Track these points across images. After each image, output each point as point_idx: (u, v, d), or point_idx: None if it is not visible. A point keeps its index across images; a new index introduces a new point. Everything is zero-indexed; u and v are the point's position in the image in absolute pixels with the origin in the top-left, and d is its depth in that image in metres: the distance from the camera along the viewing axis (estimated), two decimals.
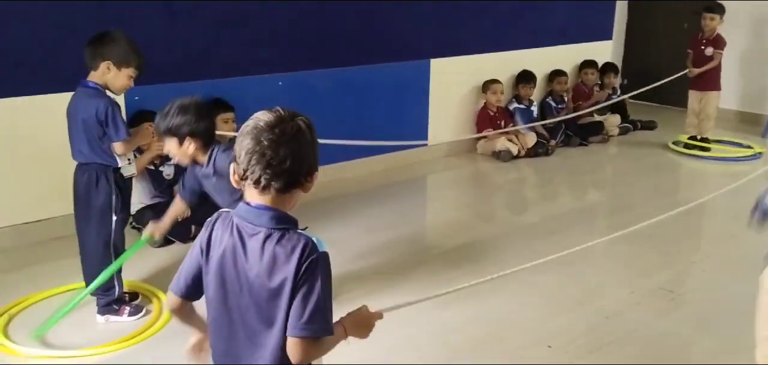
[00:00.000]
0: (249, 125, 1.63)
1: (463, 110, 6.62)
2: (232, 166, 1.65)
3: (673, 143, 6.85)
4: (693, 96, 6.71)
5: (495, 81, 6.55)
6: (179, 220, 3.30)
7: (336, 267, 4.15)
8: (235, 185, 1.66)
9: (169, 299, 1.82)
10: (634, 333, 3.41)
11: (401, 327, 3.29)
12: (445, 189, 6.02)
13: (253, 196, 1.64)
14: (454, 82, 6.49)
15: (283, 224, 1.64)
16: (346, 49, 5.64)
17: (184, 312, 1.83)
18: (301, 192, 1.67)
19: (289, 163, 1.59)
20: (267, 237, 1.62)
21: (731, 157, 6.60)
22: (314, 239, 1.63)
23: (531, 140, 6.52)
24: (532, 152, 6.49)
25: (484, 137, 6.49)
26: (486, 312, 3.58)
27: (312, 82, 5.46)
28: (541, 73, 7.11)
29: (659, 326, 3.48)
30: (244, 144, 1.61)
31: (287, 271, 1.59)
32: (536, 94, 7.03)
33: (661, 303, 3.72)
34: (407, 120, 6.19)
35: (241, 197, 1.69)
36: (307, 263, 1.59)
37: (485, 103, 6.59)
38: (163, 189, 4.53)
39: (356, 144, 5.35)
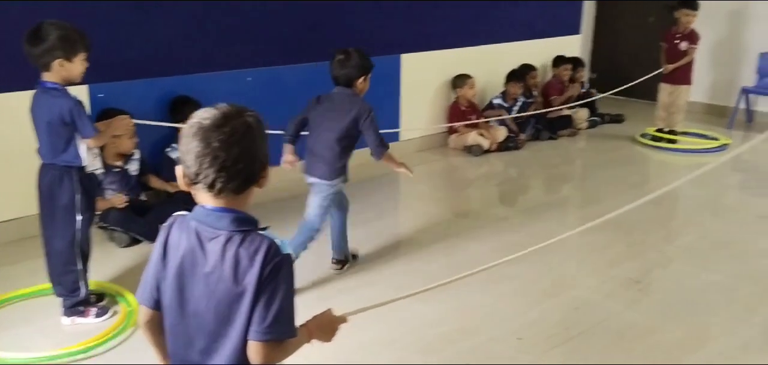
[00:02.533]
0: (193, 125, 1.54)
1: (435, 105, 6.63)
2: (178, 169, 1.58)
3: (641, 135, 6.94)
4: (664, 89, 6.80)
5: (466, 76, 6.57)
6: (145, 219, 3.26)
7: (307, 265, 4.15)
8: (183, 188, 1.60)
9: (141, 313, 1.74)
10: (603, 323, 3.45)
11: (374, 322, 3.28)
12: (418, 184, 6.01)
13: (207, 199, 1.59)
14: (425, 77, 6.50)
15: (244, 225, 1.59)
16: (316, 44, 5.60)
17: (156, 325, 1.72)
18: (256, 188, 1.62)
19: (244, 163, 1.54)
20: (228, 240, 1.58)
21: (698, 148, 6.70)
22: (277, 240, 1.59)
23: (501, 134, 6.56)
24: (503, 147, 6.53)
25: (456, 131, 6.51)
26: (458, 305, 3.58)
27: (282, 78, 5.42)
28: (510, 67, 7.14)
29: (627, 316, 3.52)
30: (191, 147, 1.52)
31: (251, 274, 1.55)
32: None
33: (630, 292, 3.76)
34: (378, 115, 6.13)
35: None
36: (271, 265, 1.55)
37: (456, 98, 6.60)
38: (131, 187, 4.47)
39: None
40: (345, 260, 4.06)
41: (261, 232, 1.61)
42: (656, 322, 3.46)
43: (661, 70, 6.74)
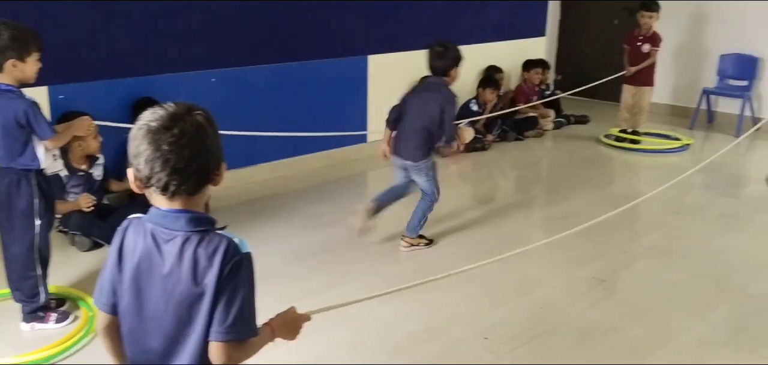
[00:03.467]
0: (141, 127, 1.51)
1: None
2: (129, 172, 1.56)
3: (605, 136, 7.04)
4: (627, 91, 6.90)
5: None
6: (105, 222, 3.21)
7: (274, 267, 4.14)
8: (136, 190, 1.57)
9: (98, 318, 1.71)
10: (568, 322, 3.48)
11: (340, 324, 3.29)
12: (385, 185, 5.99)
13: (161, 202, 1.57)
14: (393, 77, 6.48)
15: (201, 225, 1.57)
16: (281, 44, 5.57)
17: (114, 330, 1.69)
18: (211, 186, 1.60)
19: (196, 164, 1.52)
20: (185, 241, 1.56)
21: (660, 149, 6.81)
22: (236, 239, 1.57)
23: (468, 135, 6.59)
24: (470, 147, 6.56)
25: None
26: (425, 306, 3.59)
27: (247, 79, 5.38)
28: (477, 69, 7.19)
29: (592, 314, 3.56)
30: (141, 150, 1.50)
31: (210, 274, 1.53)
32: (473, 90, 7.12)
33: (595, 292, 3.81)
34: (346, 116, 6.16)
35: None
36: (230, 265, 1.54)
37: None
38: (95, 191, 4.39)
39: (295, 135, 5.30)
40: (420, 239, 4.42)
41: (219, 232, 1.59)
42: (619, 321, 3.50)
43: (624, 72, 6.84)
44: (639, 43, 6.73)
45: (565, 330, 3.41)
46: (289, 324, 1.86)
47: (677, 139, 7.00)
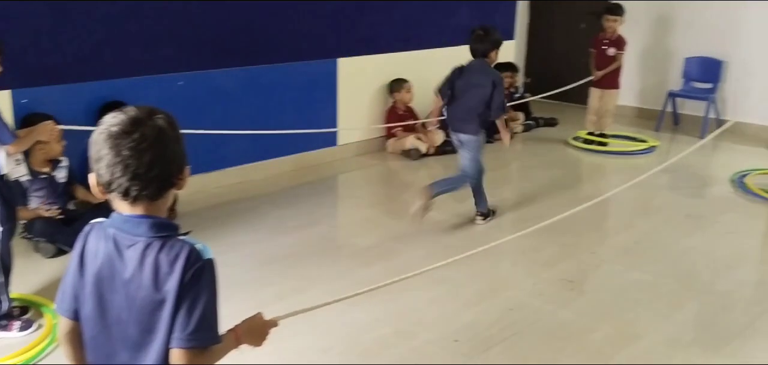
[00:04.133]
0: (102, 132, 1.49)
1: (372, 109, 6.63)
2: (91, 177, 1.54)
3: (573, 138, 7.11)
4: (593, 94, 6.99)
5: (403, 80, 6.60)
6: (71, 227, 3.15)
7: (242, 272, 4.10)
8: (98, 196, 1.55)
9: (61, 325, 1.67)
10: (537, 323, 3.50)
11: (310, 328, 3.26)
12: (356, 188, 6.02)
13: (123, 207, 1.55)
14: (362, 81, 6.50)
15: (164, 231, 1.55)
16: (250, 47, 5.53)
17: (77, 337, 1.66)
18: (174, 190, 1.59)
19: (158, 169, 1.50)
20: (147, 246, 1.54)
21: (627, 151, 6.90)
22: (198, 246, 1.55)
23: (439, 138, 6.61)
24: (441, 150, 6.57)
25: (394, 135, 6.53)
26: (394, 310, 3.58)
27: (215, 82, 5.33)
28: (446, 72, 7.20)
29: (561, 315, 3.59)
30: (101, 155, 1.49)
31: (171, 281, 1.51)
32: None
33: (563, 293, 3.84)
34: (316, 120, 6.13)
35: None
36: (192, 271, 1.51)
37: (394, 102, 6.63)
38: (58, 195, 4.31)
39: (265, 133, 5.27)
40: (487, 212, 4.90)
41: (181, 237, 1.57)
42: (588, 321, 3.54)
43: (591, 77, 6.93)
44: (604, 47, 6.83)
45: (535, 332, 3.43)
46: (255, 330, 1.85)
47: (643, 141, 7.10)
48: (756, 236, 4.97)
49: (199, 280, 1.52)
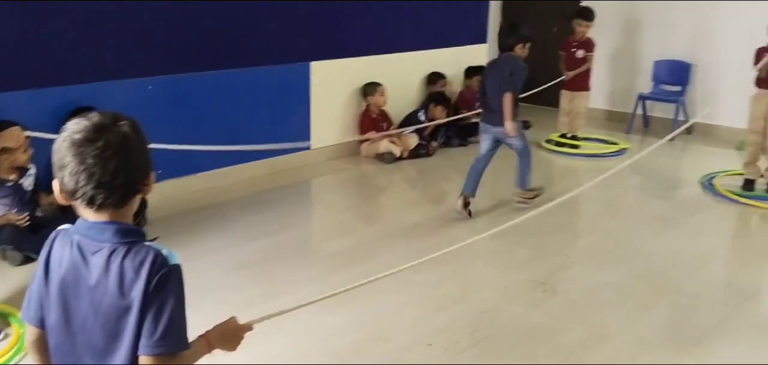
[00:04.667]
0: (65, 139, 1.47)
1: (346, 112, 6.62)
2: (55, 183, 1.52)
3: (546, 141, 7.17)
4: (564, 96, 7.07)
5: (376, 84, 6.59)
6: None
7: (214, 278, 4.07)
8: (62, 202, 1.54)
9: (28, 333, 1.65)
10: (509, 325, 3.52)
11: (283, 334, 3.25)
12: (329, 192, 6.00)
13: (88, 214, 1.53)
14: (335, 85, 6.49)
15: (129, 237, 1.54)
16: (221, 51, 5.49)
17: (44, 344, 1.63)
18: (139, 196, 1.58)
19: (123, 177, 1.49)
20: (112, 253, 1.52)
21: (599, 153, 6.97)
22: (164, 251, 1.54)
23: (412, 141, 6.62)
24: (414, 154, 6.58)
25: (367, 139, 6.53)
26: (368, 314, 3.58)
27: (185, 87, 5.28)
28: (420, 75, 7.25)
29: (532, 317, 3.61)
30: (65, 162, 1.47)
31: (136, 287, 1.50)
32: (417, 96, 7.17)
33: (535, 295, 3.86)
34: (289, 124, 6.11)
35: None
36: (157, 277, 1.50)
37: (367, 106, 6.62)
38: (25, 203, 4.24)
39: (235, 149, 5.22)
40: (533, 193, 5.14)
41: (147, 243, 1.56)
42: (559, 323, 3.56)
43: (562, 77, 7.00)
44: (573, 49, 6.92)
45: (507, 334, 3.44)
46: (228, 335, 1.84)
47: (615, 143, 7.18)
48: (724, 237, 5.05)
49: (165, 286, 1.50)
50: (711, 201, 5.61)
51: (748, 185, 5.70)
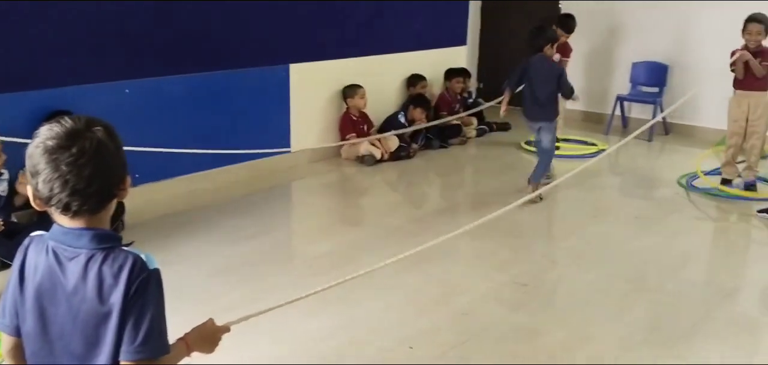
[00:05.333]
0: (38, 145, 1.45)
1: (326, 115, 6.59)
2: (28, 189, 1.50)
3: (526, 143, 7.19)
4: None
5: (357, 86, 6.57)
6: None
7: (194, 283, 4.02)
8: (36, 207, 1.51)
9: (4, 342, 1.63)
10: (491, 327, 3.52)
11: (264, 339, 3.22)
12: (310, 195, 5.96)
13: (63, 220, 1.51)
14: (315, 87, 6.46)
15: (106, 242, 1.52)
16: (199, 53, 5.43)
17: (21, 353, 1.61)
18: (116, 201, 1.56)
19: (98, 183, 1.47)
20: (89, 259, 1.50)
21: (577, 154, 7.01)
22: (143, 256, 1.52)
23: (393, 143, 6.61)
24: (395, 156, 6.57)
25: (348, 142, 6.50)
26: (350, 317, 3.56)
27: (163, 89, 5.22)
28: (400, 77, 7.25)
29: (514, 319, 3.60)
30: (39, 169, 1.44)
31: (116, 293, 1.48)
32: (398, 98, 7.17)
33: (516, 296, 3.86)
34: (268, 126, 6.07)
35: None
36: (137, 282, 1.49)
37: (347, 108, 6.60)
38: (0, 208, 4.16)
39: (214, 152, 5.17)
40: (539, 192, 5.29)
41: (125, 248, 1.54)
42: (541, 324, 3.56)
43: None
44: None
45: (489, 336, 3.44)
46: (207, 337, 1.84)
47: (593, 144, 7.23)
48: (703, 236, 5.09)
49: (145, 291, 1.50)
50: (689, 201, 5.65)
51: (726, 185, 5.76)
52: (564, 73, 5.48)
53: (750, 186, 5.69)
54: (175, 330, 1.75)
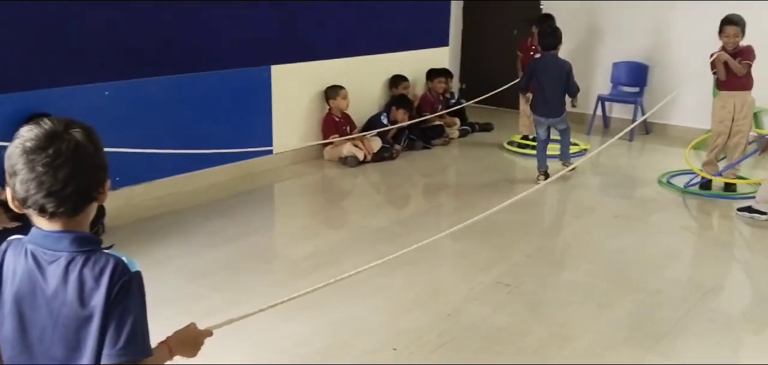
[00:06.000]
0: (17, 146, 1.45)
1: (308, 116, 6.57)
2: (6, 191, 1.50)
3: (508, 143, 7.23)
4: (523, 98, 7.13)
5: (339, 87, 6.56)
6: None
7: (175, 287, 3.98)
8: (15, 210, 1.51)
9: None
10: (474, 327, 3.52)
11: (248, 342, 3.20)
12: (292, 197, 5.94)
13: (41, 223, 1.50)
14: (297, 88, 6.43)
15: (86, 245, 1.51)
16: (180, 55, 5.39)
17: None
18: (95, 204, 1.55)
19: (74, 185, 1.46)
20: (70, 262, 1.49)
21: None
22: (124, 258, 1.52)
23: (376, 144, 6.60)
24: (378, 157, 6.56)
25: (331, 143, 6.49)
26: (333, 320, 3.54)
27: (143, 92, 5.17)
28: (383, 78, 7.24)
29: (497, 319, 3.61)
30: (17, 170, 1.44)
31: (97, 296, 1.47)
32: (380, 99, 7.16)
33: (499, 296, 3.87)
34: (250, 128, 6.04)
35: None
36: (119, 285, 1.48)
37: (330, 109, 6.58)
38: None
39: (196, 153, 5.13)
40: (572, 164, 5.97)
41: (106, 251, 1.53)
42: (524, 323, 3.57)
43: (517, 80, 7.11)
44: (532, 52, 7.01)
45: (472, 336, 3.44)
46: (189, 341, 1.83)
47: (575, 144, 7.25)
48: (683, 234, 5.13)
49: (127, 294, 1.49)
50: (669, 200, 5.70)
51: (706, 184, 5.81)
52: (572, 69, 5.81)
53: (705, 185, 5.75)
54: (156, 334, 1.73)
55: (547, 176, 5.87)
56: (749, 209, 5.13)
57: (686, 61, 7.42)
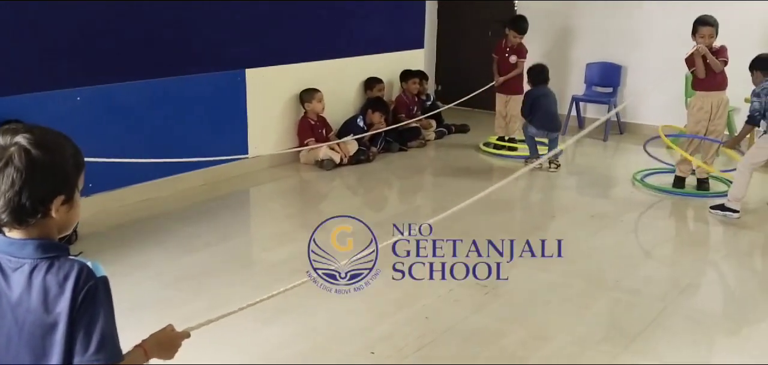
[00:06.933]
0: None
1: (284, 119, 6.53)
2: None
3: (484, 144, 7.25)
4: (499, 99, 7.21)
5: (314, 90, 6.53)
6: None
7: (151, 293, 3.93)
8: None
9: None
10: (452, 329, 3.52)
11: (227, 346, 3.18)
12: (269, 201, 5.91)
13: (6, 230, 1.51)
14: (272, 92, 6.40)
15: (50, 251, 1.51)
16: (152, 59, 5.33)
17: None
18: (57, 219, 1.53)
19: (19, 196, 1.45)
20: (34, 269, 1.49)
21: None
22: (89, 264, 1.51)
23: (352, 147, 6.58)
24: (354, 160, 6.55)
25: (306, 146, 6.46)
26: (311, 324, 3.52)
27: (116, 97, 5.10)
28: (358, 81, 7.23)
29: (475, 320, 3.62)
30: None
31: (62, 302, 1.47)
32: (356, 101, 7.15)
33: (477, 297, 3.87)
34: (225, 132, 5.99)
35: None
36: (84, 291, 1.47)
37: (305, 112, 6.55)
38: None
39: (170, 161, 5.06)
40: (558, 162, 6.53)
41: (71, 257, 1.52)
42: (502, 325, 3.58)
43: (493, 83, 7.17)
44: (507, 54, 7.07)
45: (450, 338, 3.44)
46: (165, 343, 1.82)
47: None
48: (659, 233, 5.19)
49: (94, 299, 1.48)
50: (643, 199, 5.76)
51: (679, 182, 5.88)
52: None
53: (680, 182, 5.83)
54: (133, 340, 1.72)
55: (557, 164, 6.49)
56: (722, 207, 5.20)
57: (660, 61, 7.51)
